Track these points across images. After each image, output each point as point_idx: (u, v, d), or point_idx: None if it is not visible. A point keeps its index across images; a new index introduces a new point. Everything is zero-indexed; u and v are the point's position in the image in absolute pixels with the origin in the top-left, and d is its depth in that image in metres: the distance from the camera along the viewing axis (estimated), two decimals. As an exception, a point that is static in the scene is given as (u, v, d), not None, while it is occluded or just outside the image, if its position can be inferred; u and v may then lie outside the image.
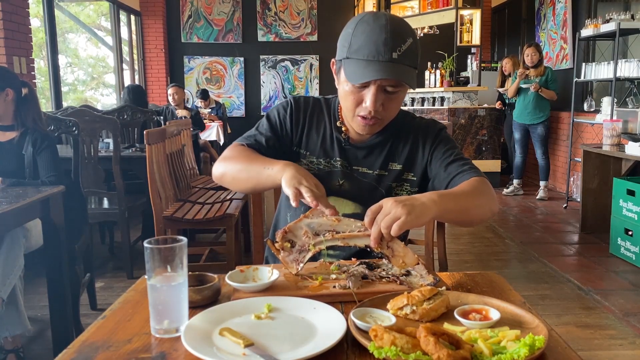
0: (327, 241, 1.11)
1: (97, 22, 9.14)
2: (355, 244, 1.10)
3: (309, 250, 1.12)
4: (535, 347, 0.77)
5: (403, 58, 1.18)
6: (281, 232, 1.13)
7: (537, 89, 5.52)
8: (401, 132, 1.39)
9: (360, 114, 1.26)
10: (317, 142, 1.40)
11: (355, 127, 1.31)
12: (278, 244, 1.13)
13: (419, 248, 3.12)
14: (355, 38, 1.20)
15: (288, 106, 1.42)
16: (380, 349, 0.76)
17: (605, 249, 4.02)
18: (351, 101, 1.25)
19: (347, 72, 1.22)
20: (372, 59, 1.18)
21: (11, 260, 2.20)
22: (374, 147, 1.38)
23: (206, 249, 3.46)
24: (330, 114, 1.41)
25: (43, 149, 2.44)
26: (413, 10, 8.03)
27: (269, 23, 9.04)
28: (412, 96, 7.40)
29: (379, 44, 1.17)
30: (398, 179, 1.38)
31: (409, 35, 1.20)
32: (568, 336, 2.59)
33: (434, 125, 1.41)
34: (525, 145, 5.95)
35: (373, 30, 1.18)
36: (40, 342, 2.62)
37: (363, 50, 1.19)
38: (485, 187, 1.24)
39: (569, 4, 6.18)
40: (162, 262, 0.90)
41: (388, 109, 1.26)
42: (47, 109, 5.58)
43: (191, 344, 0.83)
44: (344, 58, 1.23)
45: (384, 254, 1.08)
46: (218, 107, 7.35)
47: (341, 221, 1.12)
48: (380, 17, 1.20)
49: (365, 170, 1.38)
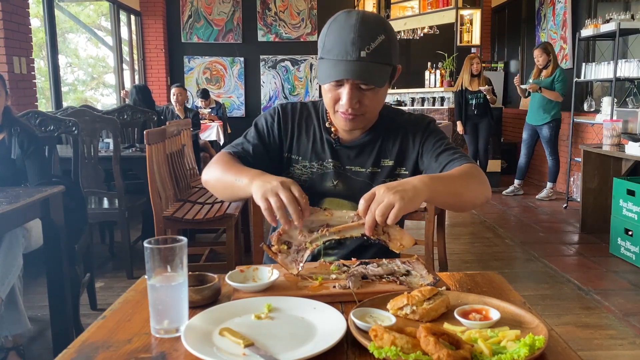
0: (322, 237, 1.11)
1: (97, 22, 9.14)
2: (351, 235, 1.10)
3: (306, 249, 1.12)
4: (535, 347, 0.77)
5: (373, 56, 1.20)
6: (276, 235, 1.12)
7: (535, 89, 5.49)
8: (391, 129, 1.40)
9: (340, 110, 1.28)
10: (308, 146, 1.40)
11: (338, 123, 1.34)
12: (275, 248, 1.12)
13: (419, 248, 3.12)
14: (328, 38, 1.23)
15: (275, 114, 1.43)
16: (380, 349, 0.76)
17: (605, 249, 4.02)
18: (330, 98, 1.28)
19: (319, 72, 1.26)
20: (341, 59, 1.20)
21: (10, 259, 2.20)
22: (365, 146, 1.39)
23: (206, 249, 3.47)
24: (318, 116, 1.43)
25: (31, 152, 2.40)
26: (413, 10, 8.04)
27: (269, 23, 9.04)
28: (412, 96, 7.41)
29: (348, 43, 1.19)
30: (391, 174, 1.39)
31: (380, 33, 1.21)
32: (568, 336, 2.59)
33: (422, 119, 1.43)
34: (530, 147, 5.90)
35: (343, 29, 1.20)
36: (40, 342, 2.62)
37: (333, 50, 1.21)
38: (477, 172, 1.26)
39: (569, 4, 6.18)
40: (162, 262, 0.90)
41: (366, 105, 1.27)
42: (47, 109, 5.58)
43: (191, 344, 0.83)
44: (320, 58, 1.27)
45: (381, 239, 1.08)
46: (218, 107, 7.35)
47: (334, 214, 1.12)
48: (351, 16, 1.21)
49: (358, 169, 1.39)
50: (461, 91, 6.01)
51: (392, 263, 1.18)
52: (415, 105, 7.20)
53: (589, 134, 5.65)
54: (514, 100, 7.96)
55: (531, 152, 5.95)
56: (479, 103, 5.98)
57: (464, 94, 6.01)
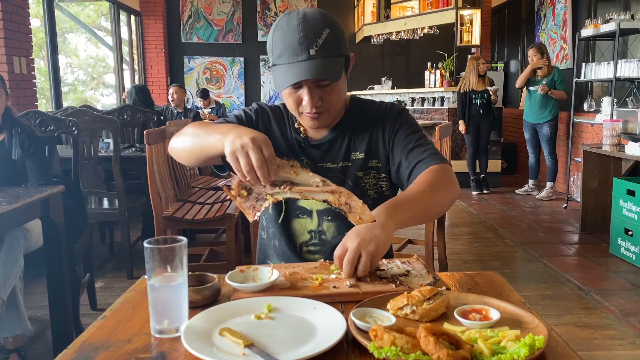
0: (283, 193, 1.10)
1: (97, 22, 9.14)
2: (312, 198, 1.10)
3: (265, 200, 1.11)
4: (535, 347, 0.77)
5: (322, 52, 1.20)
6: (237, 180, 1.12)
7: (546, 91, 5.53)
8: (359, 121, 1.40)
9: (304, 112, 1.28)
10: (282, 146, 1.40)
11: (305, 124, 1.35)
12: (234, 191, 1.11)
13: (419, 248, 3.12)
14: (275, 44, 1.23)
15: (253, 112, 1.43)
16: (380, 349, 0.76)
17: (605, 249, 4.02)
18: (292, 102, 1.28)
19: (274, 79, 1.26)
20: (292, 62, 1.20)
21: (11, 261, 2.20)
22: (334, 141, 1.39)
23: (206, 249, 3.46)
24: (287, 118, 1.43)
25: (31, 153, 2.40)
26: (413, 10, 8.04)
27: (269, 23, 9.03)
28: (412, 96, 7.41)
29: (295, 44, 1.19)
30: (363, 167, 1.38)
31: (325, 26, 1.21)
32: (568, 336, 2.59)
33: (391, 108, 1.42)
34: (535, 145, 5.93)
35: (287, 32, 1.20)
36: (40, 342, 2.62)
37: (283, 55, 1.21)
38: (443, 174, 1.26)
39: (569, 4, 6.18)
40: (162, 262, 0.90)
41: (329, 100, 1.27)
42: (47, 109, 5.58)
43: (191, 344, 0.83)
44: (272, 66, 1.26)
45: (342, 209, 1.09)
46: (218, 107, 7.35)
47: (299, 174, 1.12)
48: (292, 18, 1.21)
49: (329, 165, 1.38)
50: (466, 92, 6.00)
51: (392, 263, 1.18)
52: (415, 105, 7.20)
53: (589, 134, 5.66)
54: (514, 100, 7.96)
55: (538, 150, 5.96)
56: (482, 103, 5.99)
57: (469, 94, 5.99)
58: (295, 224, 1.40)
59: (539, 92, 5.57)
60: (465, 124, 6.07)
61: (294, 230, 1.41)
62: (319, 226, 1.39)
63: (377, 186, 1.40)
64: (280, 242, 1.42)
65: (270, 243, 1.46)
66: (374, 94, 7.90)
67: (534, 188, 6.15)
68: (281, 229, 1.41)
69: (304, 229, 1.40)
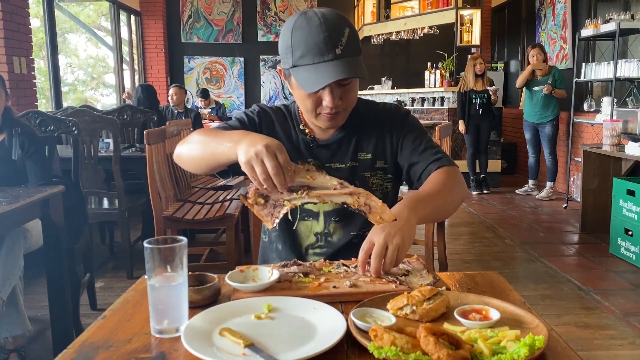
0: (301, 198, 1.09)
1: (97, 22, 9.14)
2: (331, 201, 1.10)
3: (283, 206, 1.10)
4: (535, 347, 0.77)
5: (347, 50, 1.19)
6: (254, 188, 1.10)
7: (550, 90, 5.54)
8: (366, 122, 1.40)
9: (323, 112, 1.27)
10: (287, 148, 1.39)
11: (321, 124, 1.32)
12: (251, 199, 1.10)
13: (419, 248, 3.12)
14: (296, 46, 1.20)
15: (256, 114, 1.42)
16: (380, 349, 0.76)
17: (605, 249, 4.02)
18: (310, 104, 1.26)
19: (300, 81, 1.22)
20: (319, 62, 1.18)
21: (11, 261, 2.20)
22: (341, 141, 1.39)
23: (206, 249, 3.47)
24: (292, 119, 1.42)
25: (31, 153, 2.40)
26: (413, 10, 8.04)
27: (269, 23, 9.04)
28: (412, 96, 7.41)
29: (320, 44, 1.17)
30: (371, 168, 1.39)
31: (345, 25, 1.21)
32: (568, 336, 2.59)
33: (397, 110, 1.43)
34: (536, 145, 5.94)
35: (310, 33, 1.18)
36: (40, 342, 2.62)
37: (307, 55, 1.18)
38: (454, 176, 1.30)
39: (569, 4, 6.18)
40: (162, 262, 0.90)
41: (347, 99, 1.27)
42: (47, 109, 5.58)
43: (191, 344, 0.83)
44: (291, 67, 1.23)
45: (362, 210, 1.09)
46: (218, 107, 7.36)
47: (316, 178, 1.11)
48: (311, 18, 1.19)
49: (337, 165, 1.38)
50: (465, 92, 6.01)
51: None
52: (415, 105, 7.19)
53: (589, 134, 5.66)
54: (514, 100, 7.96)
55: (538, 150, 5.97)
56: (482, 103, 6.00)
57: (469, 94, 6.01)
58: (300, 227, 1.40)
59: (544, 91, 5.57)
60: (465, 124, 6.07)
61: (299, 233, 1.40)
62: (325, 228, 1.39)
63: (383, 187, 1.40)
64: (284, 245, 1.41)
65: (272, 247, 1.45)
66: (374, 94, 7.90)
67: (534, 188, 6.15)
68: (285, 233, 1.40)
69: (310, 232, 1.39)
